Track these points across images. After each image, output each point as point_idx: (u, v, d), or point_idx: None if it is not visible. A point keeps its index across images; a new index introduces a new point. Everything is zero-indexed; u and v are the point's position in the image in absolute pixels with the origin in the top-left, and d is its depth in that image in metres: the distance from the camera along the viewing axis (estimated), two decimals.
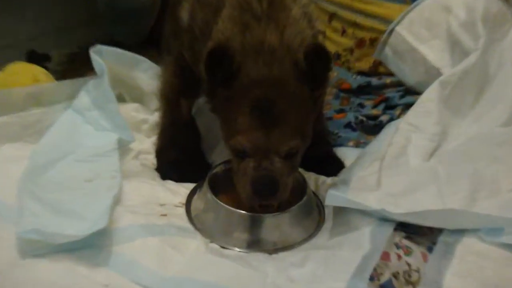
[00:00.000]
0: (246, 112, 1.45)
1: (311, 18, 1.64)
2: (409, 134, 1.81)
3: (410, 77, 2.32)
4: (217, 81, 1.48)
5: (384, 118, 2.22)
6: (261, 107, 1.44)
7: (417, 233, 1.48)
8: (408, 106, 2.00)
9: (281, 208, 1.55)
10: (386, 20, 2.44)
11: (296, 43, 1.51)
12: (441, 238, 1.44)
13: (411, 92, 2.32)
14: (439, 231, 1.46)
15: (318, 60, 1.44)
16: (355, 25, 2.56)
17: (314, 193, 1.74)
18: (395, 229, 1.47)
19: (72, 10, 2.71)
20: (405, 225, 1.49)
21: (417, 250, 1.43)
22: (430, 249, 1.43)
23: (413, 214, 1.45)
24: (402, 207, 1.48)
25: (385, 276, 1.36)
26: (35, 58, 2.47)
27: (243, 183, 1.50)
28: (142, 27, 2.53)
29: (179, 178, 1.81)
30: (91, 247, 1.40)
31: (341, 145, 2.09)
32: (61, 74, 2.49)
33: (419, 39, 2.27)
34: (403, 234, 1.48)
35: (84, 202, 1.54)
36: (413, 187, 1.59)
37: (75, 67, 2.53)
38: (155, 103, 2.07)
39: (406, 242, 1.45)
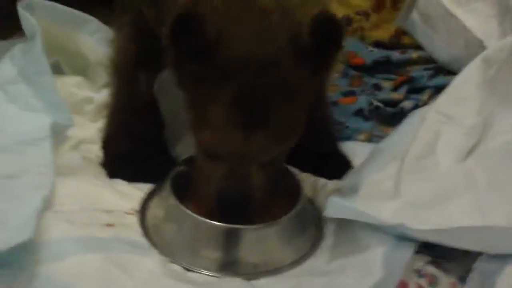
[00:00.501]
0: (223, 103, 1.43)
1: None
2: (439, 126, 1.81)
3: (443, 51, 2.33)
4: (186, 54, 1.46)
5: (406, 104, 2.22)
6: (245, 98, 1.42)
7: (446, 257, 1.49)
8: (439, 89, 2.01)
9: (266, 218, 1.55)
10: None
11: (295, 4, 1.49)
12: (478, 265, 1.43)
13: (444, 72, 2.34)
14: (476, 255, 1.45)
15: (326, 35, 1.42)
16: None
17: (310, 200, 1.75)
18: (417, 252, 1.47)
19: None
20: (430, 246, 1.48)
21: (446, 280, 1.43)
22: (462, 279, 1.43)
23: (442, 231, 1.45)
24: (428, 222, 1.49)
25: None
26: None
27: (207, 188, 1.52)
28: None
29: (132, 176, 1.80)
30: (10, 265, 1.38)
31: (348, 138, 2.09)
32: None
33: (457, 1, 2.27)
34: (427, 258, 1.48)
35: (3, 205, 1.52)
36: (442, 197, 1.59)
37: None
38: (103, 76, 2.05)
39: (431, 269, 1.45)
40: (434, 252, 1.49)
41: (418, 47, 2.45)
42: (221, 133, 1.45)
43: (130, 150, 1.85)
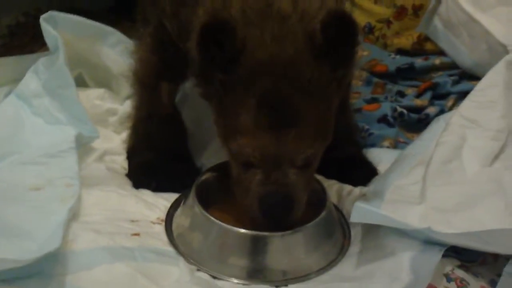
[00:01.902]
0: (252, 107, 1.45)
1: None
2: (464, 131, 1.81)
3: (466, 56, 2.33)
4: (213, 63, 1.48)
5: (431, 110, 2.23)
6: (271, 101, 1.44)
7: (475, 261, 1.49)
8: (464, 94, 2.01)
9: (292, 225, 1.54)
10: None
11: (314, 9, 1.51)
12: (509, 268, 1.42)
13: (468, 77, 2.33)
14: (506, 259, 1.44)
15: (339, 30, 1.44)
16: None
17: (336, 207, 1.75)
18: (445, 256, 1.47)
19: None
20: (459, 250, 1.49)
21: (476, 284, 1.43)
22: (493, 283, 1.43)
23: (470, 235, 1.44)
24: (455, 226, 1.48)
25: None
26: None
27: (248, 199, 1.51)
28: None
29: (157, 186, 1.82)
30: (39, 275, 1.40)
31: (373, 145, 2.09)
32: (0, 49, 2.50)
33: (479, 6, 2.28)
34: (456, 262, 1.48)
35: (30, 217, 1.54)
36: (469, 201, 1.59)
37: (20, 40, 2.53)
38: (126, 88, 2.08)
39: (460, 273, 1.45)
40: (462, 256, 1.49)
41: (441, 53, 2.45)
42: (252, 137, 1.46)
43: (155, 160, 1.87)
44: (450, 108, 2.19)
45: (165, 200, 1.76)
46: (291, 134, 1.45)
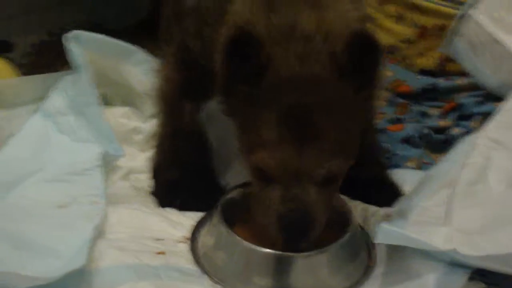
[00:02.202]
0: (274, 121, 1.45)
1: None
2: (490, 152, 1.80)
3: (490, 77, 2.32)
4: (238, 76, 1.49)
5: (456, 131, 2.23)
6: (295, 115, 1.44)
7: (501, 284, 1.48)
8: (488, 115, 2.00)
9: (316, 245, 1.54)
10: (457, 1, 2.46)
11: (338, 29, 1.51)
12: None
13: (492, 98, 2.32)
14: None
15: (363, 51, 1.45)
16: (415, 8, 2.58)
17: (361, 227, 1.74)
18: (471, 278, 1.46)
19: None
20: (485, 273, 1.47)
21: None
22: None
23: (496, 258, 1.43)
24: (481, 249, 1.47)
25: None
26: None
27: (266, 216, 1.50)
28: (135, 8, 2.55)
29: (182, 205, 1.82)
30: None
31: (397, 165, 2.09)
32: (27, 67, 2.52)
33: (503, 26, 2.28)
34: (482, 285, 1.47)
35: (55, 235, 1.55)
36: (496, 222, 1.58)
37: (45, 59, 2.56)
38: (151, 106, 2.09)
39: None
40: (488, 279, 1.48)
41: (464, 73, 2.44)
42: (274, 150, 1.45)
43: (180, 178, 1.88)
44: (475, 129, 2.17)
45: (190, 218, 1.76)
46: (312, 148, 1.44)
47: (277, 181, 1.48)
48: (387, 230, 1.52)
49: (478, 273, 1.47)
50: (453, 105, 2.36)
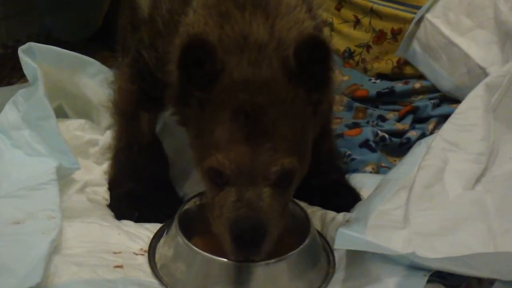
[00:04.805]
0: (227, 121, 1.45)
1: (311, 5, 1.66)
2: (446, 154, 1.82)
3: (446, 80, 2.35)
4: (192, 82, 1.48)
5: (412, 134, 2.24)
6: (246, 113, 1.44)
7: (459, 286, 1.48)
8: (444, 118, 2.02)
9: (276, 253, 1.53)
10: (413, 6, 2.48)
11: (291, 38, 1.52)
12: None
13: (448, 100, 2.35)
14: (490, 283, 1.44)
15: (312, 54, 1.45)
16: (372, 13, 2.60)
17: (320, 233, 1.74)
18: (430, 281, 1.46)
19: None
20: (443, 275, 1.48)
21: None
22: None
23: (454, 259, 1.44)
24: (439, 251, 1.49)
25: None
26: None
27: (219, 225, 1.49)
28: (89, 19, 2.54)
29: (140, 217, 1.81)
30: None
31: (355, 170, 2.10)
32: None
33: (457, 29, 2.30)
34: (441, 287, 1.47)
35: (10, 252, 1.53)
36: (453, 224, 1.59)
37: (0, 72, 2.53)
38: (106, 118, 2.08)
39: None
40: (447, 281, 1.48)
41: (420, 77, 2.47)
42: (228, 150, 1.45)
43: (136, 190, 1.87)
44: (431, 132, 2.20)
45: (148, 230, 1.75)
46: (266, 146, 1.44)
47: (231, 184, 1.47)
48: (346, 235, 1.53)
49: (437, 275, 1.48)
50: (410, 108, 2.38)
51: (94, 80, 2.13)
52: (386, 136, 2.24)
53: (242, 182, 1.45)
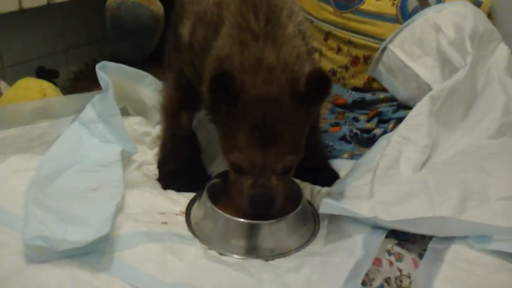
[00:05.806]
0: (246, 131, 1.46)
1: (305, 35, 1.65)
2: (401, 146, 1.81)
3: (402, 92, 2.34)
4: (219, 100, 1.49)
5: (377, 131, 2.23)
6: (260, 128, 1.45)
7: (408, 240, 1.49)
8: (400, 120, 2.01)
9: (277, 216, 1.54)
10: (379, 39, 2.46)
11: (292, 59, 1.52)
12: (431, 245, 1.44)
13: (403, 107, 2.33)
14: (430, 238, 1.45)
15: (319, 86, 1.45)
16: (350, 43, 2.58)
17: (309, 202, 1.74)
18: (387, 237, 1.47)
19: (81, 29, 2.73)
20: (396, 232, 1.49)
21: (408, 257, 1.43)
22: (420, 256, 1.43)
23: (405, 221, 1.45)
24: (394, 215, 1.48)
25: (377, 281, 1.36)
26: (43, 74, 2.48)
27: (240, 197, 1.52)
28: (145, 45, 2.54)
29: (180, 188, 1.81)
30: (94, 253, 1.39)
31: (336, 157, 2.09)
32: (68, 89, 2.50)
33: (411, 56, 2.29)
34: (394, 241, 1.48)
35: (88, 210, 1.54)
36: (404, 197, 1.59)
37: (82, 82, 2.53)
38: (157, 116, 2.07)
39: (397, 249, 1.45)
40: (399, 236, 1.49)
41: (384, 90, 2.45)
42: (245, 152, 1.47)
43: (177, 169, 1.86)
44: (391, 130, 2.19)
45: (185, 197, 1.75)
46: (273, 151, 1.46)
47: (248, 173, 1.50)
48: (328, 204, 1.53)
49: (393, 233, 1.49)
50: (376, 112, 2.36)
51: (149, 89, 2.12)
52: (359, 132, 2.23)
53: (255, 173, 1.48)
